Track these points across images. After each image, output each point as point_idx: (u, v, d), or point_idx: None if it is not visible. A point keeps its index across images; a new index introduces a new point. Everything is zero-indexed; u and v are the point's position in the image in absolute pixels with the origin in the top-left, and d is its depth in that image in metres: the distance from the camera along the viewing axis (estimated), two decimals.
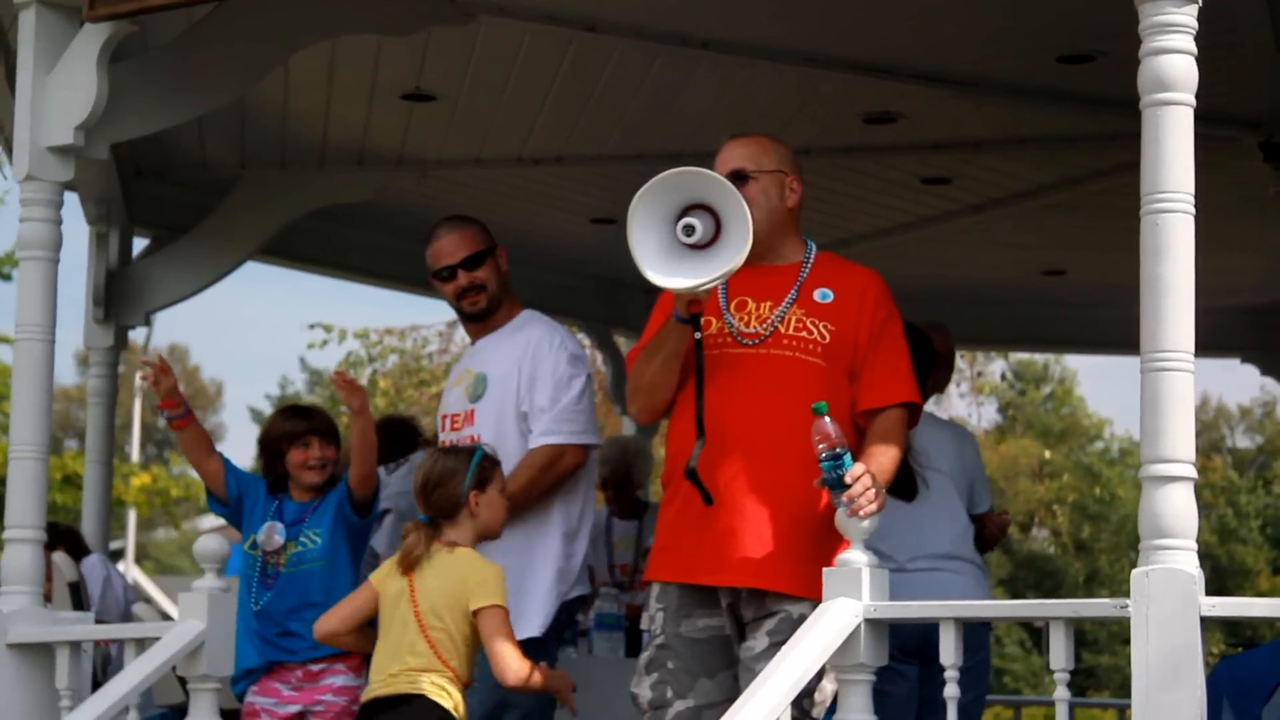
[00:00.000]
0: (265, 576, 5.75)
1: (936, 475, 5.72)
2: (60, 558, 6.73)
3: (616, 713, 6.74)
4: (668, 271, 4.36)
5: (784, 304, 4.63)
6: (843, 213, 8.05)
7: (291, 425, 5.81)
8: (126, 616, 7.22)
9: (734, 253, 4.32)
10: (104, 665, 6.70)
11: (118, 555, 25.73)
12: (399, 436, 6.95)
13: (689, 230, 4.35)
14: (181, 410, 5.70)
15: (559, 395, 5.42)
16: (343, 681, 5.76)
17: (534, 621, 5.31)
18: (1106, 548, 31.01)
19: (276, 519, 5.77)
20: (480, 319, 5.61)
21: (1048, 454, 31.38)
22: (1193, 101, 3.91)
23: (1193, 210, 3.88)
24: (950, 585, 5.45)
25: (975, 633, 5.45)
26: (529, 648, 5.03)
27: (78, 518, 8.75)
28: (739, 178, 4.64)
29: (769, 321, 4.62)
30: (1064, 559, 31.37)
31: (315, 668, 5.71)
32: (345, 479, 5.79)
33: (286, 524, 5.78)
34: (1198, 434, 4.03)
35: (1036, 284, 9.37)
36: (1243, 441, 38.27)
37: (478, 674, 4.94)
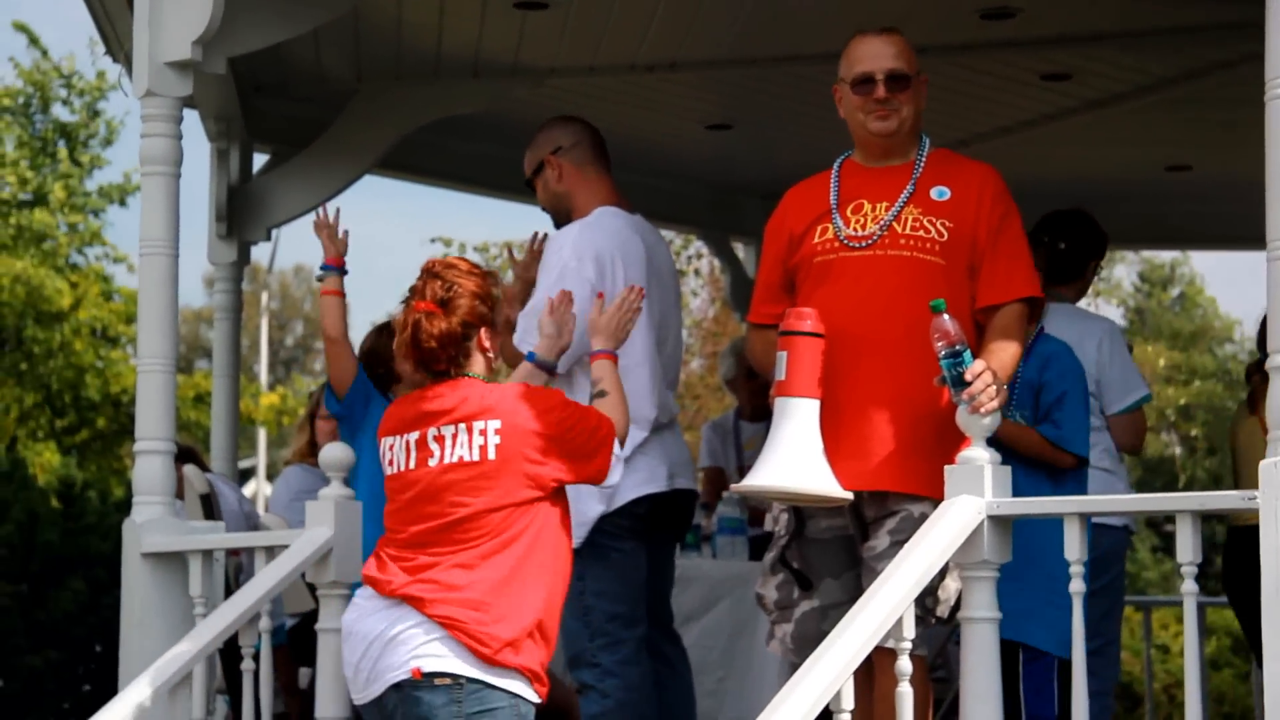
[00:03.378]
0: None
1: None
2: (191, 470, 6.85)
3: (741, 615, 6.80)
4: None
5: (898, 203, 4.60)
6: (960, 112, 7.95)
7: (393, 329, 5.91)
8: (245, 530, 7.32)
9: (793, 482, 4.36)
10: (236, 574, 6.82)
11: (248, 474, 26.12)
12: None
13: None
14: (342, 272, 5.78)
15: (529, 304, 5.31)
16: None
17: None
18: None
19: None
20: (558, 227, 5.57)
21: (1162, 362, 30.95)
22: None
23: None
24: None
25: (1106, 544, 5.37)
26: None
27: (208, 435, 8.86)
28: (898, 80, 4.60)
29: (884, 222, 4.59)
30: (1190, 462, 31.03)
31: None
32: None
33: None
34: None
35: (1160, 180, 9.22)
36: None
37: None
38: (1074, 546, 4.20)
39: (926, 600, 4.38)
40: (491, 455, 4.29)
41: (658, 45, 7.16)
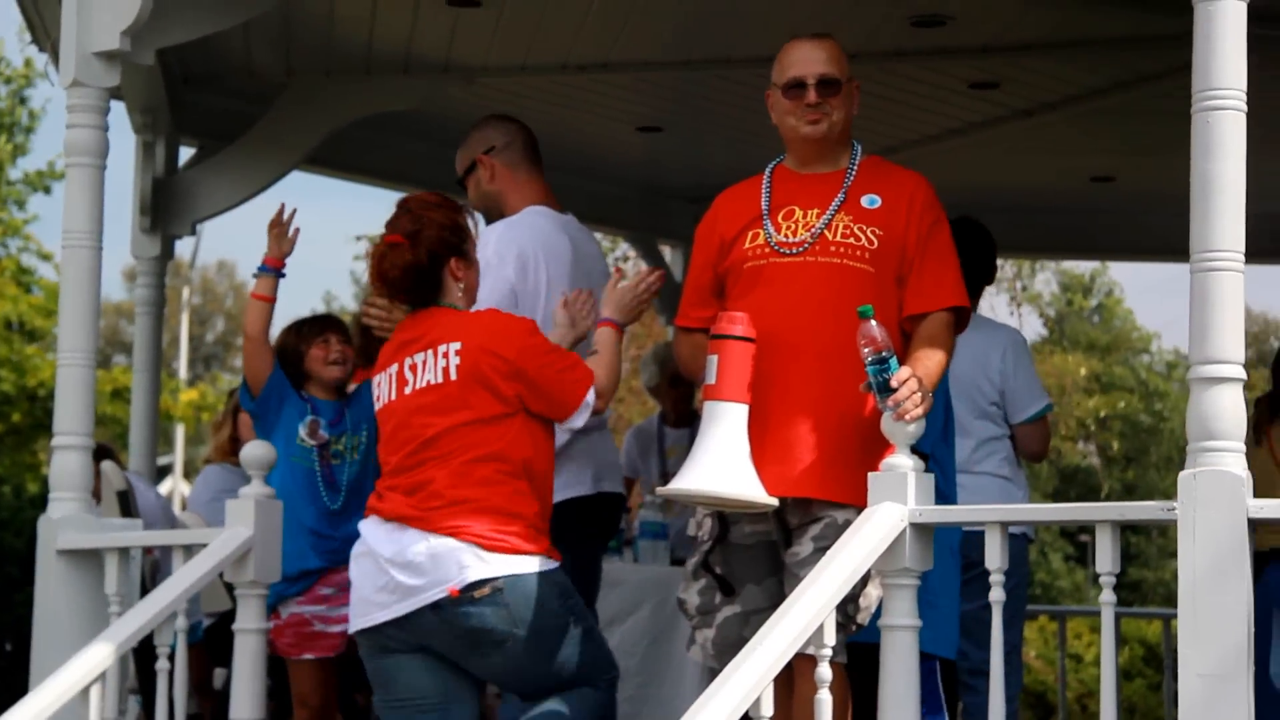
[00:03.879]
0: (329, 476, 5.81)
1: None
2: (109, 466, 6.78)
3: (663, 620, 6.79)
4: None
5: (829, 211, 4.61)
6: (890, 119, 7.98)
7: (308, 327, 5.94)
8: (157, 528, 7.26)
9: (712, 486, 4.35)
10: (153, 573, 6.76)
11: (165, 471, 25.93)
12: None
13: None
14: (279, 275, 5.79)
15: None
16: None
17: None
18: (1155, 462, 30.94)
19: (314, 415, 5.86)
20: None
21: (1082, 371, 31.22)
22: None
23: (1244, 108, 3.85)
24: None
25: (1010, 552, 5.38)
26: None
27: (126, 430, 8.78)
28: (829, 85, 4.60)
29: (815, 229, 4.59)
30: (1107, 471, 31.32)
31: None
32: None
33: (326, 422, 5.86)
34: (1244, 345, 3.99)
35: (1085, 191, 9.29)
36: None
37: None
38: (994, 555, 4.20)
39: (848, 607, 4.39)
40: (454, 375, 4.52)
41: (590, 45, 7.16)
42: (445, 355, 4.55)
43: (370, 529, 4.60)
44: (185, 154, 7.97)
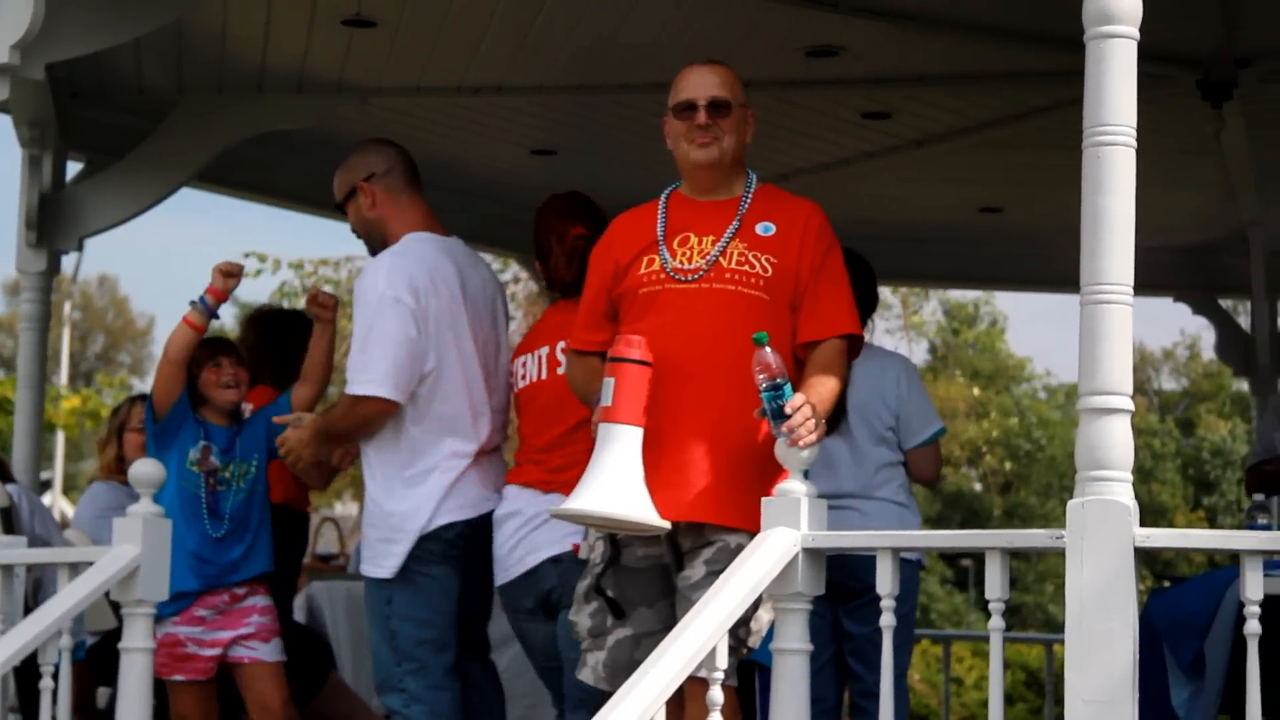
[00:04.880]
0: (214, 504, 5.78)
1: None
2: None
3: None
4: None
5: (724, 238, 4.64)
6: (783, 147, 8.05)
7: (200, 351, 5.86)
8: (39, 544, 7.17)
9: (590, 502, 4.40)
10: (35, 591, 6.66)
11: (45, 486, 25.59)
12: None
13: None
14: (213, 315, 5.74)
15: (355, 341, 5.35)
16: (265, 602, 5.84)
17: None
18: (1036, 489, 31.33)
19: (205, 440, 5.82)
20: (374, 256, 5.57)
21: (966, 397, 31.62)
22: (1136, 35, 3.92)
23: (1134, 143, 3.91)
24: (842, 524, 5.42)
25: (904, 578, 5.46)
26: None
27: (8, 444, 8.66)
28: (719, 108, 4.64)
29: (710, 256, 4.62)
30: (989, 497, 31.69)
31: (240, 590, 5.78)
32: (286, 398, 5.82)
33: (219, 449, 5.82)
34: None
35: (973, 221, 9.40)
36: (1168, 384, 38.66)
37: None
38: (885, 580, 4.25)
39: (740, 631, 4.41)
40: None
41: (485, 68, 7.16)
42: None
43: (514, 493, 5.16)
44: (74, 169, 7.87)
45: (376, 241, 5.49)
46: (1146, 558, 3.83)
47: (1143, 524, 3.86)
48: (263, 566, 5.84)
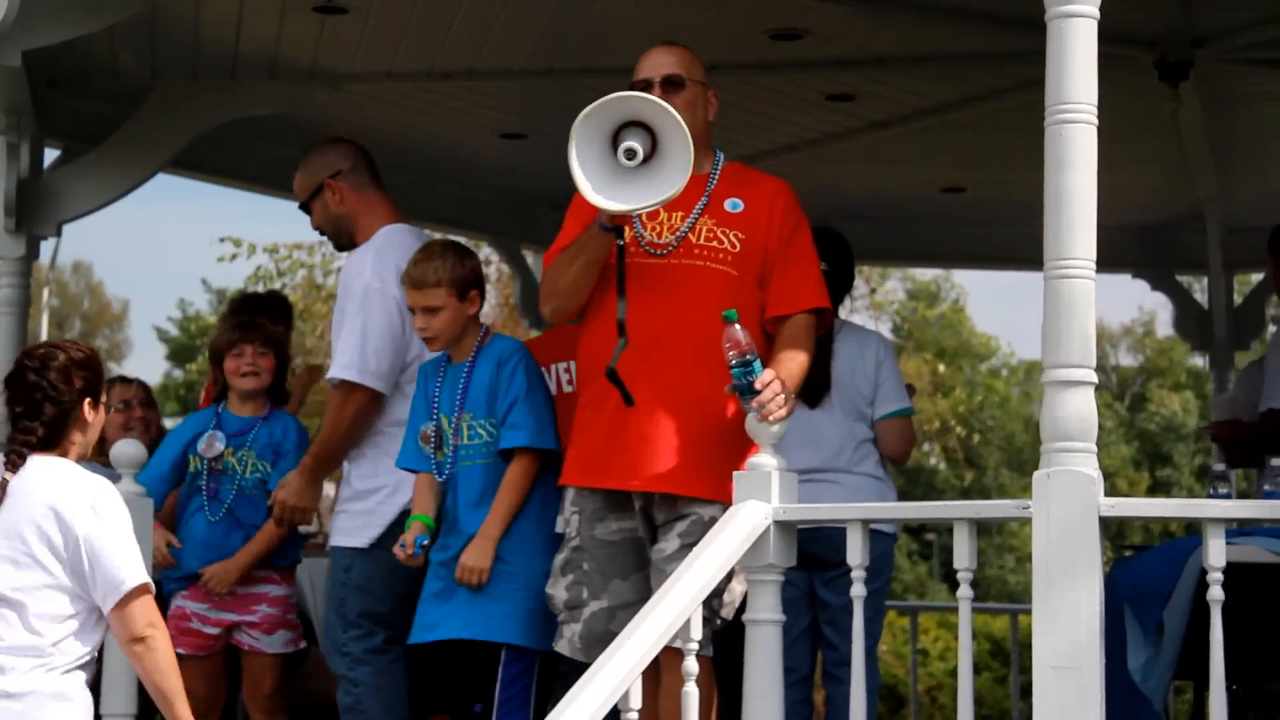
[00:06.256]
0: (214, 490, 5.85)
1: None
2: None
3: None
4: (609, 194, 4.42)
5: (693, 214, 4.73)
6: (747, 129, 8.12)
7: (224, 337, 5.98)
8: None
9: (677, 176, 4.38)
10: None
11: None
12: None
13: (630, 154, 4.40)
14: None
15: (336, 329, 5.47)
16: (278, 592, 5.88)
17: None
18: (997, 463, 31.50)
19: (216, 429, 5.89)
20: (341, 251, 5.68)
21: (929, 374, 31.74)
22: (1097, 14, 3.99)
23: (1095, 121, 3.98)
24: (823, 497, 5.48)
25: (879, 550, 5.55)
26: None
27: None
28: (673, 83, 4.73)
29: (679, 231, 4.71)
30: (948, 473, 31.83)
31: (256, 574, 5.83)
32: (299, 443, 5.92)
33: (228, 434, 5.88)
34: None
35: (936, 201, 9.50)
36: (1125, 360, 38.82)
37: None
38: (855, 552, 4.34)
39: (713, 602, 4.51)
40: None
41: (456, 53, 7.23)
42: None
43: None
44: (51, 155, 7.92)
45: (345, 237, 5.62)
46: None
47: None
48: (271, 559, 5.86)
